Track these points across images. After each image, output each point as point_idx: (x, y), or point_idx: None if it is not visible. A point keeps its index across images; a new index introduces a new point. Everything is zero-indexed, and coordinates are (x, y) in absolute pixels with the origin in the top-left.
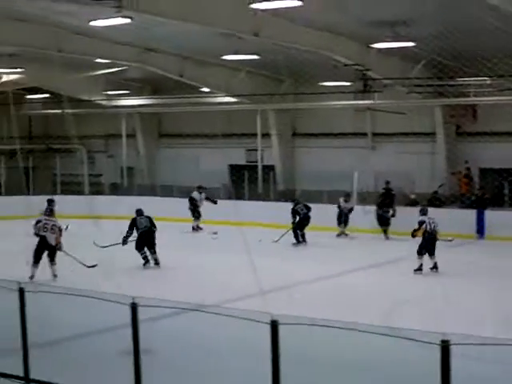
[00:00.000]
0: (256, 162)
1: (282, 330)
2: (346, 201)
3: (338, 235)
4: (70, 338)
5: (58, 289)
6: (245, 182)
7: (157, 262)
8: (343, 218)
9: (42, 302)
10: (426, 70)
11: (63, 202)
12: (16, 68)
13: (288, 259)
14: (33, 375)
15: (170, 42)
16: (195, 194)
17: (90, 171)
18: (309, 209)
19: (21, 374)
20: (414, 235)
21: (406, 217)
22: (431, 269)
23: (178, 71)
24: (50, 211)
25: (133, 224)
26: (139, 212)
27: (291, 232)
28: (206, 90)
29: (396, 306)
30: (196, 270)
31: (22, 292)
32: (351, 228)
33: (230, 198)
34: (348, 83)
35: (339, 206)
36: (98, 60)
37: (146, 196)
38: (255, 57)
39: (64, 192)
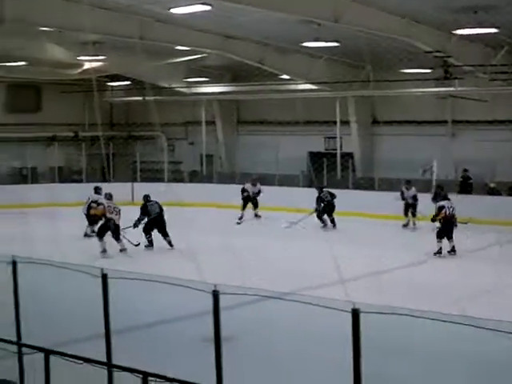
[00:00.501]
0: (335, 149)
1: (362, 318)
2: (407, 188)
3: (404, 225)
4: (151, 324)
5: (140, 275)
6: (324, 169)
7: (171, 244)
8: (410, 209)
9: (123, 288)
10: (508, 57)
11: (143, 189)
12: (98, 56)
13: (366, 247)
14: (115, 361)
15: (249, 29)
16: (248, 186)
17: (169, 158)
18: (333, 196)
19: (104, 359)
20: (433, 220)
21: (485, 206)
22: (449, 252)
23: (257, 58)
24: (110, 196)
25: (145, 209)
26: (148, 197)
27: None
28: (285, 77)
29: (475, 295)
30: (273, 257)
31: (104, 278)
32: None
33: (309, 185)
34: (428, 70)
35: (402, 193)
36: (179, 47)
37: (225, 184)
38: (335, 44)
39: (144, 179)
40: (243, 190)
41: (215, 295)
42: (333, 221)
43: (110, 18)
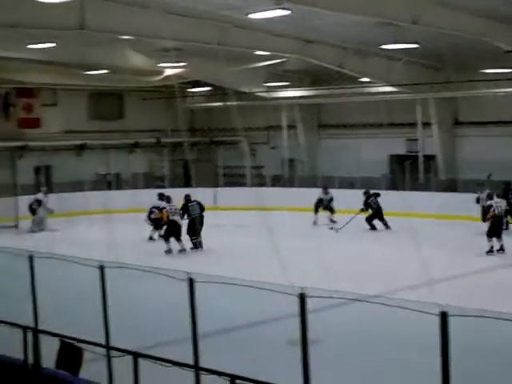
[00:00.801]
0: (416, 151)
1: (451, 320)
2: (481, 191)
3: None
4: (237, 327)
5: (226, 279)
6: (405, 172)
7: (199, 246)
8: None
9: (210, 291)
10: None
11: (226, 194)
12: (179, 62)
13: (446, 249)
14: (202, 363)
15: (328, 32)
16: (321, 194)
17: (252, 163)
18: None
19: (191, 362)
20: (484, 220)
21: None
22: (498, 251)
23: (337, 62)
24: (168, 199)
25: (185, 209)
26: (189, 198)
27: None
28: (365, 79)
29: None
30: (355, 260)
31: (191, 282)
32: None
33: (392, 188)
34: (510, 70)
35: (478, 199)
36: (259, 52)
37: (306, 187)
38: (414, 45)
39: (226, 184)
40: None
41: (302, 298)
42: (386, 224)
43: (189, 25)
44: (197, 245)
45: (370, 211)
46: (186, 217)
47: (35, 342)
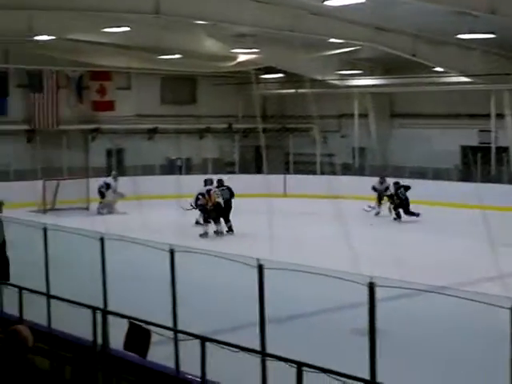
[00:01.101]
0: (489, 143)
1: None
2: None
3: None
4: (304, 315)
5: (296, 266)
6: (477, 163)
7: (231, 229)
8: None
9: (279, 278)
10: None
11: (295, 181)
12: (252, 48)
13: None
14: (269, 349)
15: (402, 20)
16: (376, 184)
17: (322, 151)
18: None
19: (257, 348)
20: None
21: None
22: None
23: (410, 50)
24: (220, 181)
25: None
26: (221, 182)
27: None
28: (438, 69)
29: None
30: (424, 250)
31: (260, 268)
32: None
33: (464, 179)
34: None
35: None
36: (332, 40)
37: (377, 176)
38: (491, 35)
39: (296, 171)
40: (373, 188)
41: (371, 287)
42: (412, 213)
43: (264, 11)
44: (231, 228)
45: (398, 201)
46: None
47: (104, 323)
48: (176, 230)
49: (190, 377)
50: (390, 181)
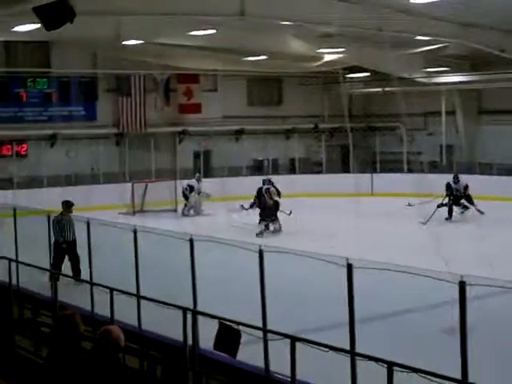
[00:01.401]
0: None
1: None
2: None
3: None
4: (393, 314)
5: (382, 265)
6: None
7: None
8: None
9: (366, 277)
10: None
11: (382, 180)
12: (338, 48)
13: None
14: (358, 349)
15: (490, 16)
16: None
17: (409, 149)
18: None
19: (347, 347)
20: None
21: None
22: None
23: (498, 46)
24: (269, 182)
25: (259, 194)
26: (265, 182)
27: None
28: None
29: None
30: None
31: (350, 268)
32: None
33: None
34: None
35: None
36: (419, 37)
37: (465, 174)
38: None
39: (383, 170)
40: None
41: (462, 286)
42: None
43: (350, 10)
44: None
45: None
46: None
47: (194, 324)
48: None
49: (279, 376)
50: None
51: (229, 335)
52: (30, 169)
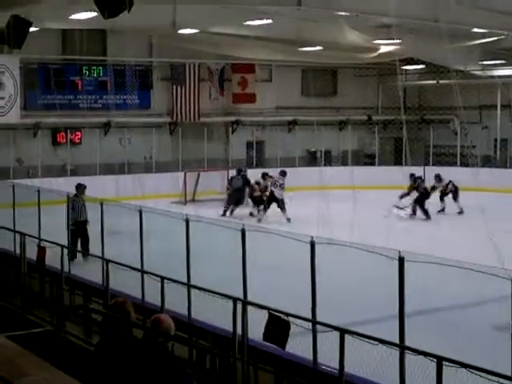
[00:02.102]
0: None
1: None
2: None
3: None
4: (443, 309)
5: (437, 259)
6: None
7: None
8: None
9: (418, 270)
10: None
11: (435, 173)
12: (394, 39)
13: None
14: (407, 342)
15: None
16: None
17: (462, 142)
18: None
19: (396, 340)
20: None
21: None
22: None
23: None
24: (283, 173)
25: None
26: (239, 171)
27: None
28: None
29: None
30: None
31: (401, 261)
32: None
33: None
34: None
35: None
36: (476, 30)
37: None
38: None
39: (436, 163)
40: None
41: None
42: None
43: (407, 1)
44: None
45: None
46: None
47: (244, 314)
48: (317, 222)
49: (327, 369)
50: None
51: (278, 326)
52: (83, 156)
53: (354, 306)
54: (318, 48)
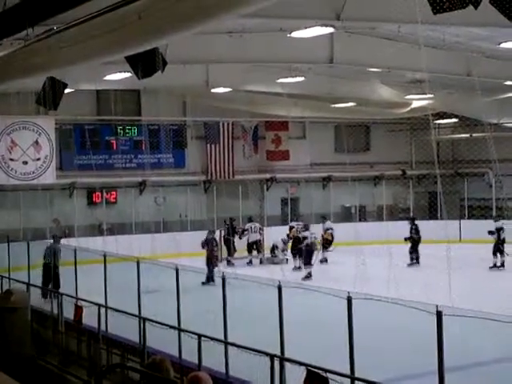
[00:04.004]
0: None
1: None
2: None
3: None
4: (483, 363)
5: (472, 313)
6: None
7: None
8: None
9: (458, 325)
10: None
11: (471, 227)
12: (426, 94)
13: None
14: None
15: None
16: None
17: (498, 195)
18: None
19: None
20: None
21: None
22: None
23: None
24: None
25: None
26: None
27: None
28: None
29: None
30: None
31: (439, 316)
32: None
33: None
34: None
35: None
36: (508, 82)
37: None
38: None
39: (471, 216)
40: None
41: None
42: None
43: (438, 56)
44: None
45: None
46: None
47: (281, 370)
48: (354, 278)
49: None
50: None
51: (316, 382)
52: (119, 216)
53: (393, 362)
54: (350, 104)
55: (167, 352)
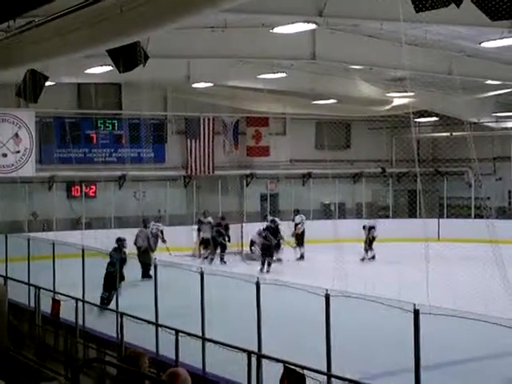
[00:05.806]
0: None
1: None
2: None
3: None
4: (459, 362)
5: (447, 311)
6: None
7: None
8: None
9: (434, 323)
10: None
11: (450, 226)
12: (407, 92)
13: None
14: None
15: None
16: None
17: (477, 194)
18: None
19: None
20: None
21: None
22: None
23: None
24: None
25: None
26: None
27: None
28: None
29: None
30: None
31: (417, 314)
32: None
33: None
34: None
35: None
36: (488, 82)
37: None
38: None
39: (450, 215)
40: None
41: None
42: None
43: (419, 54)
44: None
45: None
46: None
47: (258, 367)
48: (331, 275)
49: None
50: None
51: (294, 379)
52: (98, 210)
53: (369, 359)
54: (331, 101)
55: (145, 347)
